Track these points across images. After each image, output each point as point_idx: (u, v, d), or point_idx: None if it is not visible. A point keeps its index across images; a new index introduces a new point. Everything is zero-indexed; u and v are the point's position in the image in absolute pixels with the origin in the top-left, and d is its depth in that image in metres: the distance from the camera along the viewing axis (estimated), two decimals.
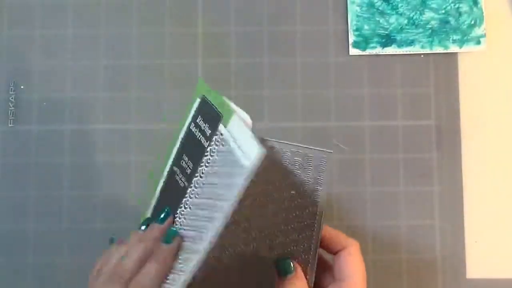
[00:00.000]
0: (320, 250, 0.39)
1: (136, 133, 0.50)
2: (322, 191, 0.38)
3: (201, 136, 0.37)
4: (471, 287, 0.48)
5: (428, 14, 0.50)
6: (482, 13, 0.50)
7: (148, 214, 0.40)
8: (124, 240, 0.38)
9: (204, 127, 0.37)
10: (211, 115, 0.37)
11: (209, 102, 0.37)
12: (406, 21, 0.50)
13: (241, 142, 0.34)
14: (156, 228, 0.37)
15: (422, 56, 0.50)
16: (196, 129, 0.38)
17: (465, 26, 0.50)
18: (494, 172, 0.49)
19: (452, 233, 0.49)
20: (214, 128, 0.36)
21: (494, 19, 0.51)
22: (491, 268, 0.49)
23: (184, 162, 0.38)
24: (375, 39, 0.50)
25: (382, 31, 0.50)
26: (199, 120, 0.38)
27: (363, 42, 0.50)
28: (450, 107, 0.50)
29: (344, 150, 0.49)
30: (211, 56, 0.51)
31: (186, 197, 0.37)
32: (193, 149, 0.38)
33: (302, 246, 0.38)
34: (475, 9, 0.50)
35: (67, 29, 0.51)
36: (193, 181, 0.37)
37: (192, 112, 0.38)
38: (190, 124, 0.38)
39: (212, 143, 0.36)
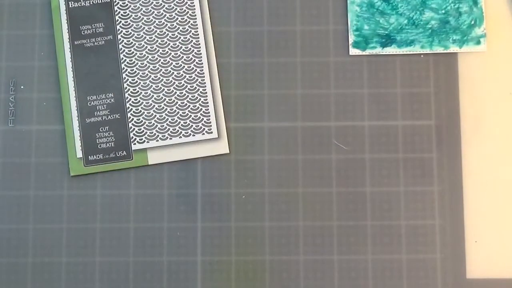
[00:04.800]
0: None
1: None
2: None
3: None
4: (471, 287, 0.48)
5: (428, 14, 0.50)
6: (482, 13, 0.50)
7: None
8: None
9: None
10: None
11: None
12: (406, 21, 0.50)
13: None
14: None
15: (422, 56, 0.50)
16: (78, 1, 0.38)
17: (465, 26, 0.50)
18: (494, 172, 0.49)
19: (452, 233, 0.49)
20: None
21: (494, 19, 0.51)
22: (491, 268, 0.49)
23: (86, 30, 0.38)
24: (375, 39, 0.50)
25: (382, 31, 0.50)
26: None
27: (363, 42, 0.50)
28: (450, 107, 0.50)
29: (344, 150, 0.49)
30: None
31: (127, 49, 0.38)
32: (88, 15, 0.37)
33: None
34: (475, 9, 0.50)
35: None
36: (119, 35, 0.37)
37: None
38: (67, 3, 0.38)
39: None
